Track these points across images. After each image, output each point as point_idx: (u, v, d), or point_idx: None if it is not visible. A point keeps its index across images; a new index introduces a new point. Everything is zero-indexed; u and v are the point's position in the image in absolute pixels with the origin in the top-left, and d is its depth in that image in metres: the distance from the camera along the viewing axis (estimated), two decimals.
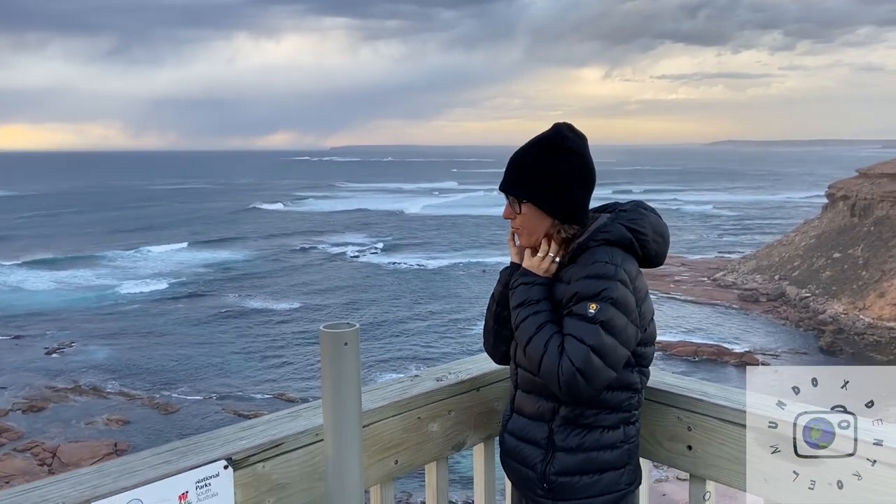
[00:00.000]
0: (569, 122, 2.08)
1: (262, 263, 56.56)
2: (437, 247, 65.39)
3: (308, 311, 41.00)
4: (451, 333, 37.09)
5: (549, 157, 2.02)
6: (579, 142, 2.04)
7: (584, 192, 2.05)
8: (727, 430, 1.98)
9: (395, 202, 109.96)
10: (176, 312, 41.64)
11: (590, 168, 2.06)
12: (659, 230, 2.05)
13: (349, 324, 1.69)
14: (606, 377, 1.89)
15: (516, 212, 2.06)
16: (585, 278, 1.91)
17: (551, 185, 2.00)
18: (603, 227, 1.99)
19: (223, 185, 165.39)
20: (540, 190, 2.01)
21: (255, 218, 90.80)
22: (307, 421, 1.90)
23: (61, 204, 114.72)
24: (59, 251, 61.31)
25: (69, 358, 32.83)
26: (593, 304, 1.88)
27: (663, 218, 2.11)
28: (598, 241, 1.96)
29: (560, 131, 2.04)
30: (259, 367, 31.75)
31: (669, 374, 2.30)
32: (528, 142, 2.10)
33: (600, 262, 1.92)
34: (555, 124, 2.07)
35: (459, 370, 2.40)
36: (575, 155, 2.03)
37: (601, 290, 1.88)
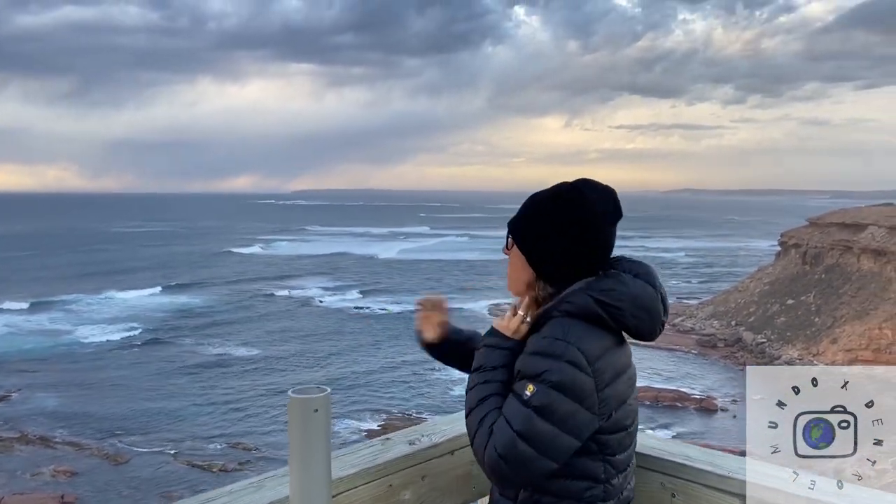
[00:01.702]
0: (593, 181, 1.90)
1: (229, 309, 55.49)
2: (407, 291, 65.14)
3: (271, 360, 40.16)
4: (411, 380, 36.66)
5: (551, 203, 1.86)
6: (587, 201, 1.84)
7: (571, 253, 1.83)
8: (713, 498, 1.89)
9: (367, 247, 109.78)
10: (131, 359, 40.47)
11: (588, 230, 1.83)
12: (642, 303, 1.80)
13: (319, 387, 1.58)
14: (541, 467, 1.68)
15: (506, 249, 1.94)
16: (531, 354, 1.72)
17: (539, 233, 1.85)
18: (568, 295, 1.78)
19: (187, 228, 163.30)
20: (528, 234, 1.88)
21: (228, 262, 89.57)
22: (272, 492, 1.74)
23: (17, 246, 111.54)
24: (14, 295, 59.34)
25: (16, 406, 31.48)
26: (531, 385, 1.67)
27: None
28: (561, 312, 1.76)
29: (576, 185, 1.88)
30: (216, 416, 30.84)
31: (651, 435, 2.21)
32: (550, 186, 1.95)
33: (550, 337, 1.71)
34: (580, 178, 1.91)
35: (433, 432, 2.25)
36: (577, 210, 1.83)
37: (542, 371, 1.67)
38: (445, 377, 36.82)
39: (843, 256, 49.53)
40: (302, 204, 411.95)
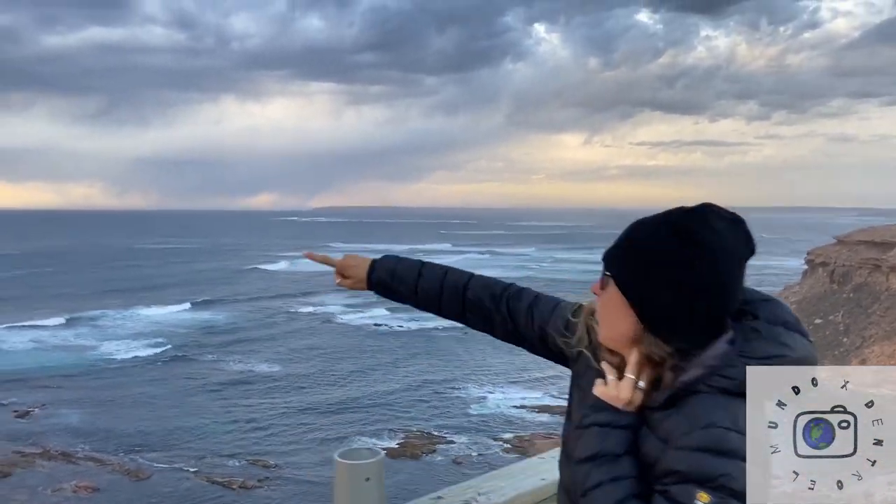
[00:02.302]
0: (719, 207, 1.47)
1: (252, 326, 55.68)
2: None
3: (292, 378, 40.14)
4: (430, 398, 36.46)
5: (669, 236, 1.42)
6: (716, 234, 1.41)
7: (697, 304, 1.39)
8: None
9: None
10: (155, 375, 40.72)
11: (719, 272, 1.39)
12: (811, 358, 1.43)
13: (371, 450, 1.40)
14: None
15: (600, 287, 1.53)
16: (695, 451, 1.30)
17: (652, 276, 1.41)
18: (720, 365, 1.37)
19: (211, 245, 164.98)
20: (636, 276, 1.44)
21: (253, 279, 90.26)
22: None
23: (44, 263, 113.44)
24: (41, 311, 60.27)
25: (39, 421, 31.77)
26: (703, 493, 1.28)
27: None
28: (714, 388, 1.36)
29: (700, 213, 1.45)
30: (236, 433, 30.87)
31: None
32: (662, 212, 1.53)
33: (717, 426, 1.31)
34: (703, 204, 1.48)
35: (490, 489, 2.00)
36: (704, 246, 1.40)
37: (719, 474, 1.29)
38: (465, 395, 36.61)
39: (872, 275, 48.66)
40: (322, 221, 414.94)
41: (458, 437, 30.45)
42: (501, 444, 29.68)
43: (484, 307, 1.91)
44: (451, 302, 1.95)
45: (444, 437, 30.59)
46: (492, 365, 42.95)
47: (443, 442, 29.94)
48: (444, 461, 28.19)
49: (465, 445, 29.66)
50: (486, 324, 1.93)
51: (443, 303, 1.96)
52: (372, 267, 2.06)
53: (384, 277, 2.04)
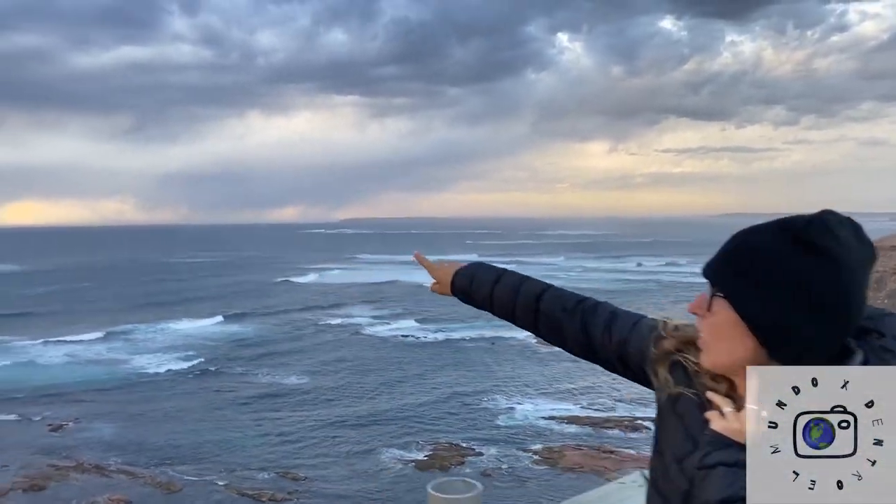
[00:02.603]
0: (838, 214, 1.31)
1: (282, 339, 56.04)
2: (457, 320, 65.05)
3: (321, 391, 40.19)
4: (458, 410, 36.30)
5: (788, 249, 1.28)
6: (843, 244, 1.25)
7: (825, 319, 1.26)
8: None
9: (416, 275, 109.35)
10: (185, 388, 41.17)
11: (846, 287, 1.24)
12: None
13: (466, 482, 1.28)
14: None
15: (704, 308, 1.39)
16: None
17: (773, 291, 1.26)
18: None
19: (240, 258, 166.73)
20: (751, 289, 1.29)
21: (284, 291, 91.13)
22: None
23: (78, 278, 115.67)
24: (75, 325, 61.48)
25: (72, 435, 32.26)
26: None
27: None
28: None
29: (823, 223, 1.28)
30: (266, 446, 31.01)
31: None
32: (773, 220, 1.36)
33: None
34: (823, 211, 1.32)
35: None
36: (833, 261, 1.24)
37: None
38: (493, 406, 36.41)
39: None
40: (349, 232, 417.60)
41: (486, 449, 30.25)
42: (531, 456, 29.41)
43: (556, 319, 1.87)
44: (525, 311, 1.92)
45: (472, 448, 30.41)
46: (520, 376, 42.71)
47: (471, 454, 29.76)
48: (472, 473, 27.97)
49: (494, 457, 29.45)
50: (557, 336, 1.90)
51: (516, 311, 1.94)
52: (456, 273, 2.11)
53: (464, 283, 2.08)
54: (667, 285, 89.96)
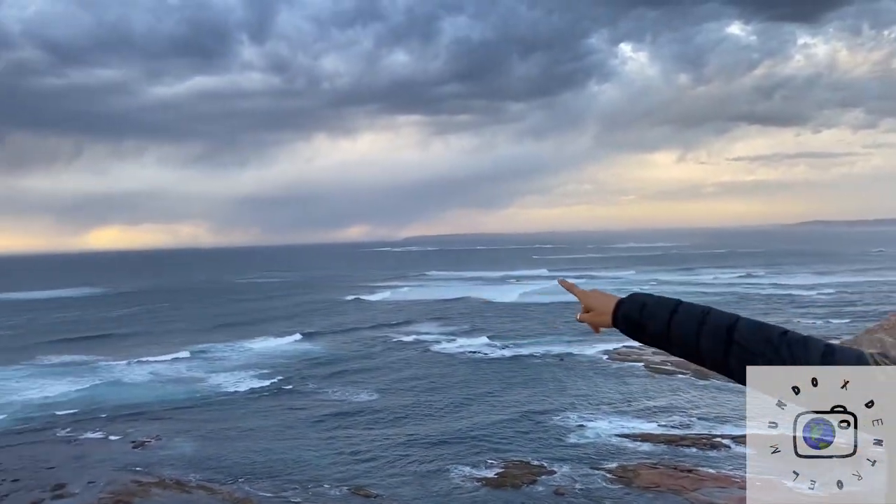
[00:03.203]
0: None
1: (354, 357, 56.78)
2: (531, 336, 64.58)
3: (393, 409, 40.39)
4: (527, 427, 35.82)
5: None
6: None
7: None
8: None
9: (486, 291, 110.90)
10: (260, 406, 42.14)
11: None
12: None
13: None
14: None
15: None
16: None
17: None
18: None
19: (311, 277, 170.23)
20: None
21: (355, 309, 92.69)
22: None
23: (158, 299, 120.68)
24: (156, 345, 64.06)
25: (154, 451, 33.42)
26: None
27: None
28: None
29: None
30: (339, 463, 31.35)
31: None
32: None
33: None
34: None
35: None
36: None
37: None
38: (563, 424, 35.82)
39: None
40: (414, 250, 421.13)
41: (558, 467, 29.74)
42: (604, 474, 28.73)
43: (755, 352, 1.72)
44: (712, 343, 1.77)
45: (543, 466, 29.95)
46: (591, 393, 41.94)
47: (543, 472, 29.31)
48: (545, 491, 27.54)
49: (567, 475, 28.91)
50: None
51: (701, 344, 1.79)
52: (620, 301, 2.01)
53: (632, 313, 1.95)
54: (744, 297, 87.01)
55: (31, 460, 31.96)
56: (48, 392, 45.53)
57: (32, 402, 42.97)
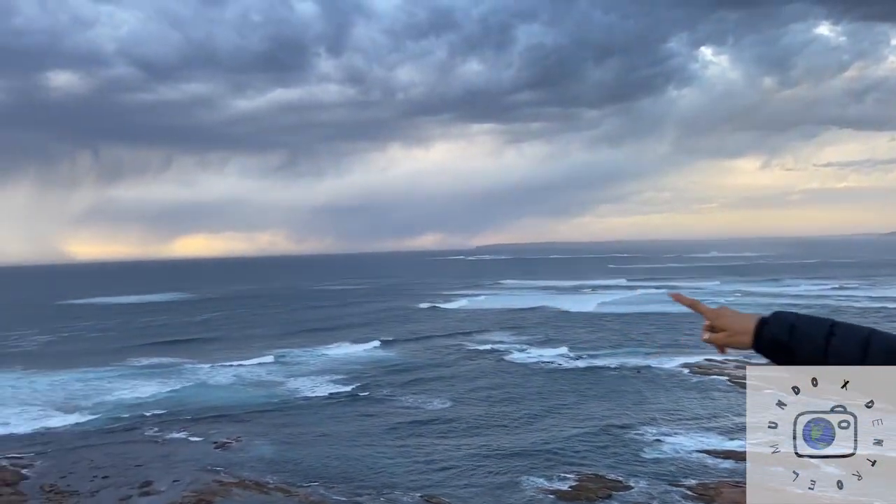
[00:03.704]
0: None
1: (429, 364, 57.09)
2: (611, 347, 63.44)
3: (468, 419, 40.14)
4: (602, 439, 35.01)
5: None
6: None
7: None
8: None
9: (563, 300, 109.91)
10: (336, 411, 42.87)
11: None
12: None
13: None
14: None
15: None
16: None
17: None
18: None
19: (387, 285, 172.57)
20: None
21: (431, 317, 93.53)
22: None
23: (239, 305, 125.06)
24: (238, 350, 66.32)
25: (235, 452, 34.47)
26: None
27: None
28: None
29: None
30: (413, 470, 31.49)
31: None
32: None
33: None
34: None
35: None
36: None
37: None
38: (638, 437, 34.88)
39: None
40: (488, 259, 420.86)
41: (634, 482, 28.93)
42: (682, 491, 27.76)
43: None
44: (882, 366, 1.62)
45: (619, 481, 29.20)
46: (668, 408, 40.68)
47: (619, 487, 28.57)
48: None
49: (643, 491, 28.09)
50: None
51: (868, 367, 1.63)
52: (762, 321, 1.79)
53: (780, 335, 1.74)
54: (837, 310, 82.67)
55: (120, 458, 33.54)
56: (138, 393, 47.75)
57: (123, 402, 45.14)
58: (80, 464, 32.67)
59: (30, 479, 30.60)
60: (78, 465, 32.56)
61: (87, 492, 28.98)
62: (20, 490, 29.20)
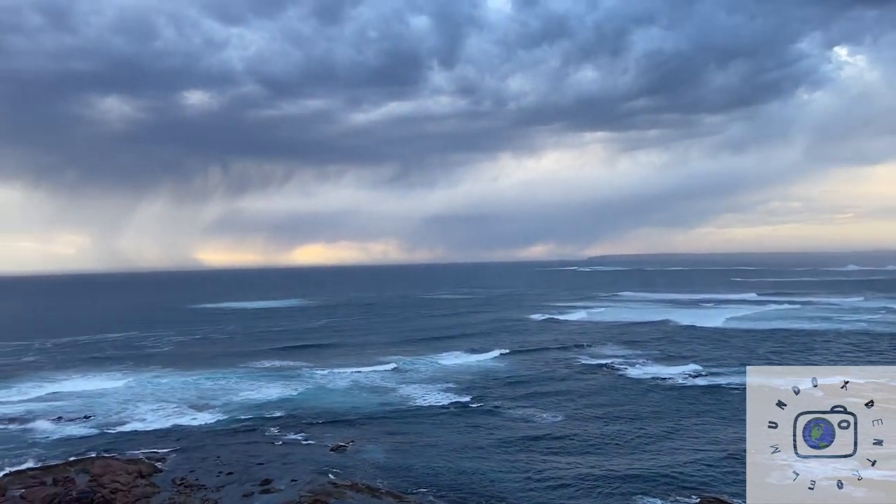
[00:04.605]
0: None
1: (543, 377, 56.24)
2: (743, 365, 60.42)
3: (581, 437, 39.00)
4: (723, 462, 33.03)
5: None
6: None
7: None
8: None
9: (688, 314, 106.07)
10: (446, 420, 43.03)
11: None
12: None
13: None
14: None
15: None
16: None
17: None
18: None
19: (499, 295, 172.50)
20: None
21: (548, 329, 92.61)
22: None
23: (353, 312, 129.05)
24: (355, 357, 68.30)
25: (349, 456, 35.31)
26: None
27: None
28: None
29: None
30: (521, 483, 31.02)
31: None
32: None
33: None
34: None
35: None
36: None
37: None
38: (765, 462, 32.64)
39: None
40: (603, 270, 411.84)
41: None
42: None
43: None
44: None
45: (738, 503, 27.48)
46: None
47: None
48: None
49: None
50: None
51: None
52: None
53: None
54: None
55: (244, 455, 35.20)
56: (262, 394, 50.09)
57: (248, 403, 47.44)
58: (208, 460, 34.57)
59: (163, 473, 32.71)
60: (206, 460, 34.47)
61: (213, 486, 30.59)
62: (153, 482, 31.25)
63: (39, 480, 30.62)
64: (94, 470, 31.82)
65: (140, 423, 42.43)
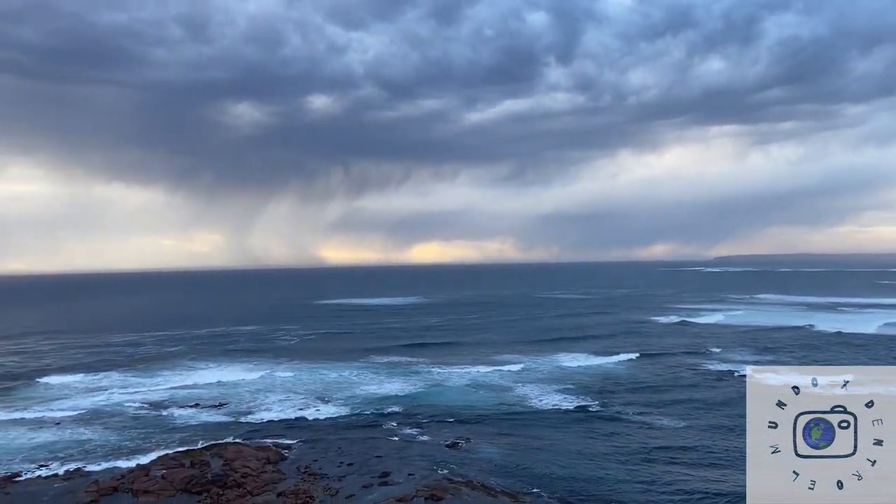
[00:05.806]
0: None
1: (667, 383, 54.38)
2: None
3: (705, 451, 36.87)
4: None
5: None
6: None
7: None
8: None
9: (832, 319, 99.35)
10: (561, 422, 42.38)
11: None
12: None
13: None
14: None
15: None
16: None
17: None
18: None
19: (622, 296, 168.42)
20: None
21: (679, 331, 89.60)
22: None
23: (469, 311, 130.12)
24: (471, 355, 68.88)
25: (464, 453, 35.54)
26: None
27: None
28: None
29: None
30: (643, 493, 30.01)
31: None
32: None
33: None
34: None
35: None
36: None
37: None
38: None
39: None
40: (732, 271, 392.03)
41: None
42: None
43: None
44: None
45: None
46: None
47: None
48: None
49: None
50: None
51: None
52: None
53: None
54: None
55: (364, 447, 36.33)
56: (383, 389, 51.56)
57: (370, 397, 48.95)
58: (330, 450, 35.96)
59: (288, 460, 34.36)
60: (328, 451, 35.88)
61: (334, 476, 31.77)
62: (280, 469, 32.89)
63: (179, 462, 33.00)
64: (228, 455, 33.92)
65: (268, 412, 44.79)
